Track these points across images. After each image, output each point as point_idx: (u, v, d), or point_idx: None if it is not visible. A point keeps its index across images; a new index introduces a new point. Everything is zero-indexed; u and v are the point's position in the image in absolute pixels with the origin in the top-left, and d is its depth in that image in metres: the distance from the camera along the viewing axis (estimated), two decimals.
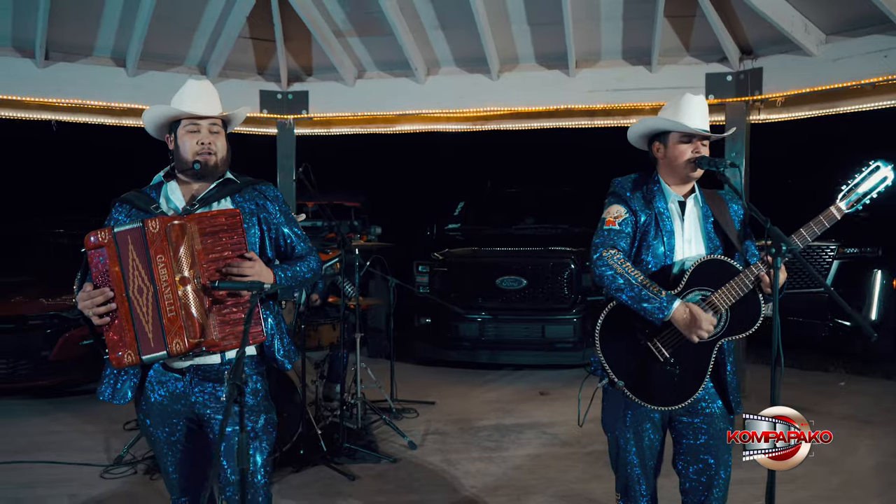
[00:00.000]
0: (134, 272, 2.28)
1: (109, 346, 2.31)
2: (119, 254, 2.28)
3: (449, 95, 6.57)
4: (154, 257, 2.28)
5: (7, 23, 5.56)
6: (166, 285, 2.27)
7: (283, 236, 2.66)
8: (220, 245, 2.38)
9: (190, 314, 2.29)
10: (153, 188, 2.61)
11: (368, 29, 6.16)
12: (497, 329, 6.79)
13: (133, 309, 2.29)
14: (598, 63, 6.33)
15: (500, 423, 5.44)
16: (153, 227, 2.28)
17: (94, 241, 2.29)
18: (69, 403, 5.87)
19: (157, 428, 2.51)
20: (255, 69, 6.71)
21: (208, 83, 2.68)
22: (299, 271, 2.60)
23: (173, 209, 2.54)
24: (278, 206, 2.68)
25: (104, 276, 2.29)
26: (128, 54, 6.02)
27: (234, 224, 2.41)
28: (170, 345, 2.27)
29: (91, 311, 2.29)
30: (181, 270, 2.29)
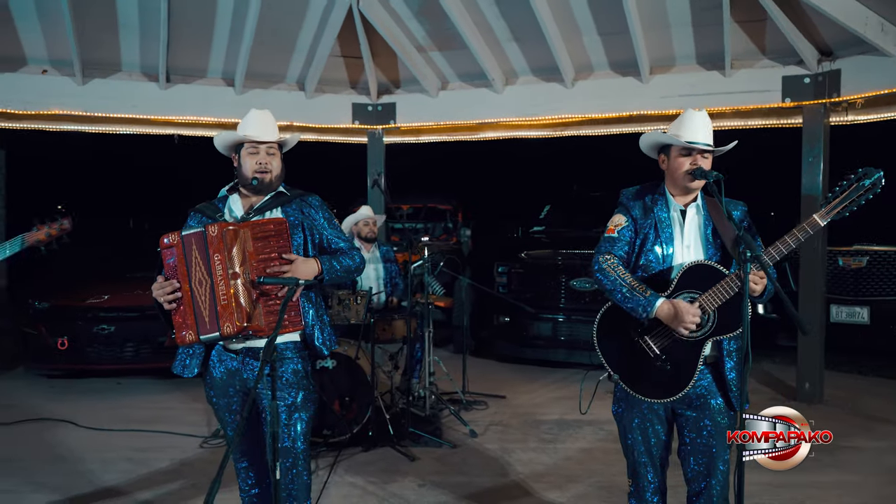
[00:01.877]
0: (196, 267, 2.80)
1: (175, 326, 2.84)
2: (185, 252, 2.80)
3: (526, 104, 6.87)
4: (212, 255, 2.78)
5: (136, 51, 6.43)
6: (221, 279, 2.77)
7: (326, 239, 3.11)
8: (268, 248, 2.85)
9: (239, 303, 2.77)
10: (220, 200, 3.14)
11: (447, 44, 6.58)
12: (570, 329, 7.01)
13: (194, 297, 2.80)
14: (672, 69, 6.43)
15: (563, 419, 5.68)
16: (212, 231, 2.78)
17: (166, 242, 2.83)
18: (183, 385, 6.67)
19: (218, 398, 3.02)
20: (348, 84, 7.31)
21: (268, 113, 3.17)
22: (342, 262, 3.04)
23: (234, 218, 3.05)
24: (322, 213, 3.13)
25: (172, 270, 2.82)
26: (235, 75, 6.76)
27: (281, 230, 2.88)
28: (222, 327, 2.76)
29: (162, 298, 2.82)
30: (233, 267, 2.78)
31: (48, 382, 6.84)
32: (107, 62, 6.50)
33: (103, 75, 6.53)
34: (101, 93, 6.52)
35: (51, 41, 6.22)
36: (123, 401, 6.28)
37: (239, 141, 3.11)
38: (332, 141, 7.71)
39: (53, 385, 6.78)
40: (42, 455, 4.86)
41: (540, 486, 4.32)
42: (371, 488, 4.30)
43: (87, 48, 6.26)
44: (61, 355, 6.55)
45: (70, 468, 4.61)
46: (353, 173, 8.57)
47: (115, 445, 5.08)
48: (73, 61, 6.24)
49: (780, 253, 2.68)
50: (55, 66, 6.40)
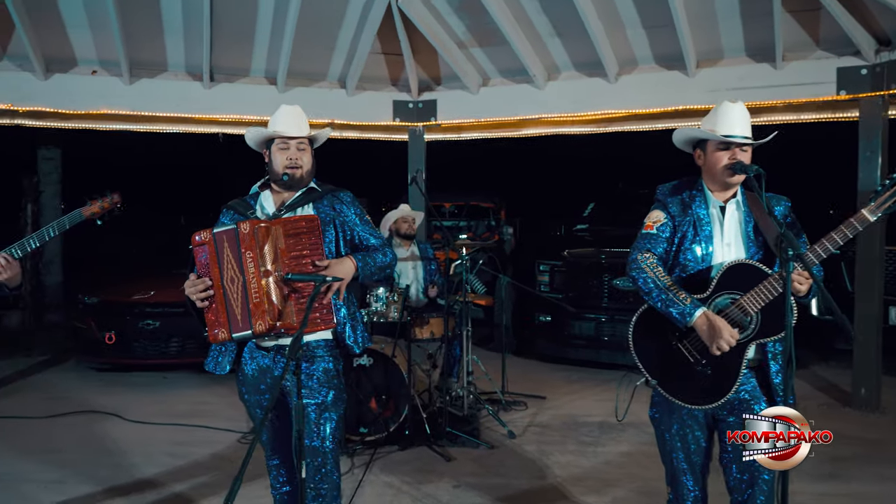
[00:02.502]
0: (227, 265, 2.79)
1: (208, 324, 2.84)
2: (217, 250, 2.80)
3: (568, 99, 6.76)
4: (244, 253, 2.77)
5: (180, 51, 6.53)
6: (253, 276, 2.76)
7: (358, 235, 3.09)
8: (300, 245, 2.84)
9: (271, 301, 2.76)
10: (252, 197, 3.14)
11: (487, 39, 6.50)
12: (613, 330, 6.86)
13: (226, 295, 2.80)
14: (719, 62, 6.23)
15: (605, 422, 5.56)
16: (244, 229, 2.78)
17: (198, 240, 2.83)
18: (222, 380, 6.70)
19: (250, 395, 3.03)
20: (389, 81, 7.29)
21: (298, 108, 3.16)
22: (375, 259, 3.01)
23: (265, 214, 3.05)
24: (354, 209, 3.10)
25: (205, 268, 2.82)
26: (277, 73, 6.81)
27: (313, 227, 2.86)
28: (254, 325, 2.76)
29: (194, 296, 2.83)
30: (265, 264, 2.77)
31: (98, 375, 7.02)
32: (153, 62, 6.62)
33: (150, 75, 6.65)
34: (148, 92, 6.65)
35: (99, 42, 6.36)
36: (167, 395, 6.40)
37: (269, 137, 3.11)
38: (373, 139, 7.72)
39: (103, 378, 6.95)
40: (89, 447, 4.98)
41: (578, 490, 4.22)
42: (405, 488, 4.26)
43: (134, 49, 6.38)
44: (109, 349, 6.71)
45: (114, 461, 4.71)
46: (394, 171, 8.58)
47: (158, 439, 5.17)
48: (121, 62, 6.37)
49: (826, 251, 2.53)
50: (104, 66, 6.55)
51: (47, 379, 6.98)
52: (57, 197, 10.22)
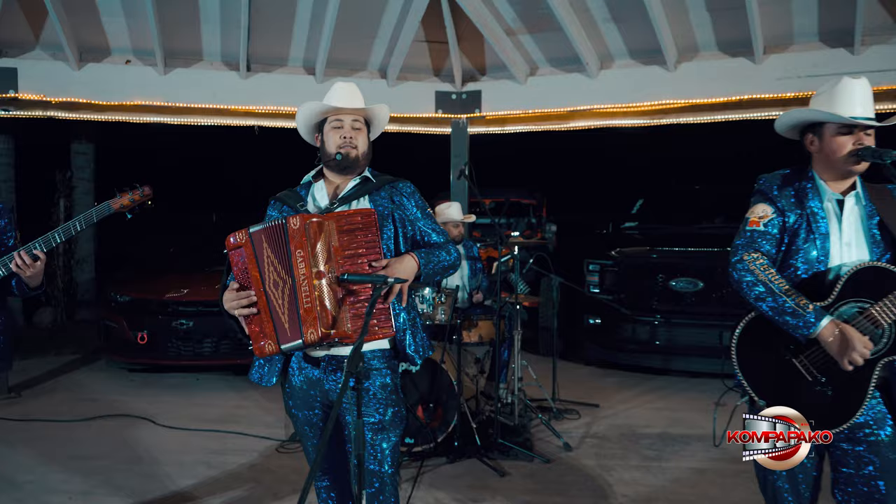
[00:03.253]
0: (269, 268, 2.47)
1: (252, 337, 2.53)
2: (255, 252, 2.48)
3: (623, 89, 6.37)
4: (294, 252, 2.45)
5: (217, 40, 6.27)
6: (304, 278, 2.44)
7: (420, 231, 2.76)
8: (355, 242, 2.51)
9: (324, 306, 2.44)
10: (303, 187, 2.82)
11: (539, 26, 6.14)
12: (669, 333, 6.45)
13: (270, 302, 2.48)
14: (790, 48, 5.80)
15: (666, 433, 5.18)
16: (294, 224, 2.46)
17: (233, 243, 2.51)
18: None
19: (298, 410, 2.71)
20: (431, 71, 6.96)
21: (353, 85, 2.84)
22: (441, 258, 2.68)
23: (318, 207, 2.73)
24: (414, 202, 2.77)
25: (244, 274, 2.50)
26: (316, 63, 6.52)
27: (369, 223, 2.53)
28: (305, 334, 2.44)
29: (237, 311, 2.51)
30: (317, 265, 2.45)
31: (128, 376, 6.80)
32: (188, 51, 6.37)
33: (185, 65, 6.41)
34: (183, 82, 6.41)
35: (134, 31, 6.13)
36: (200, 397, 6.14)
37: (323, 114, 2.80)
38: (414, 132, 7.39)
39: (134, 379, 6.72)
40: (120, 455, 4.72)
41: None
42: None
43: (169, 37, 6.14)
44: (141, 349, 6.48)
45: (146, 470, 4.44)
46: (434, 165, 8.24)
47: (192, 446, 4.90)
48: (156, 51, 6.13)
49: None
50: (138, 55, 6.32)
51: (77, 379, 6.77)
52: (90, 193, 10.07)
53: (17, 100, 6.29)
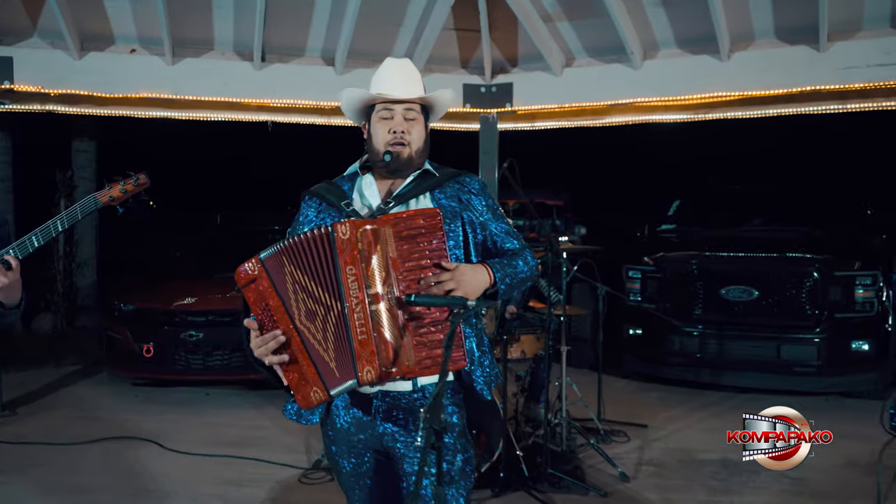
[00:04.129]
0: (296, 297, 1.97)
1: (292, 386, 2.04)
2: (274, 282, 1.98)
3: (668, 81, 5.85)
4: (343, 269, 1.96)
5: (230, 28, 5.77)
6: (357, 302, 1.95)
7: (492, 235, 2.27)
8: (416, 252, 2.03)
9: (382, 337, 1.95)
10: (347, 179, 2.33)
11: (580, 11, 5.64)
12: (720, 346, 5.95)
13: (305, 340, 1.99)
14: (857, 34, 5.28)
15: (728, 459, 4.67)
16: (343, 233, 1.96)
17: (245, 275, 2.00)
18: (277, 398, 6.00)
19: (342, 456, 2.22)
20: (459, 62, 6.46)
21: (408, 63, 2.36)
22: (518, 269, 2.20)
23: (367, 206, 2.23)
24: (484, 200, 2.29)
25: (266, 312, 2.00)
26: (336, 53, 6.02)
27: (434, 226, 2.04)
28: (360, 372, 1.95)
29: (267, 358, 2.02)
30: (373, 285, 1.96)
31: (133, 391, 6.30)
32: (199, 40, 5.86)
33: (195, 55, 5.89)
34: (192, 73, 5.89)
35: (140, 17, 5.62)
36: (212, 416, 5.65)
37: (369, 102, 2.31)
38: (439, 128, 6.88)
39: (138, 394, 6.23)
40: (125, 486, 4.24)
41: None
42: None
43: (178, 25, 5.63)
44: (147, 363, 5.98)
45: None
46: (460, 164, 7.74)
47: (205, 475, 4.41)
48: (164, 39, 5.62)
49: None
50: (144, 44, 5.81)
51: (77, 394, 6.27)
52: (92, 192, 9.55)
53: (12, 92, 5.77)
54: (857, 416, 5.57)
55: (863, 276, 5.68)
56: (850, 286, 5.69)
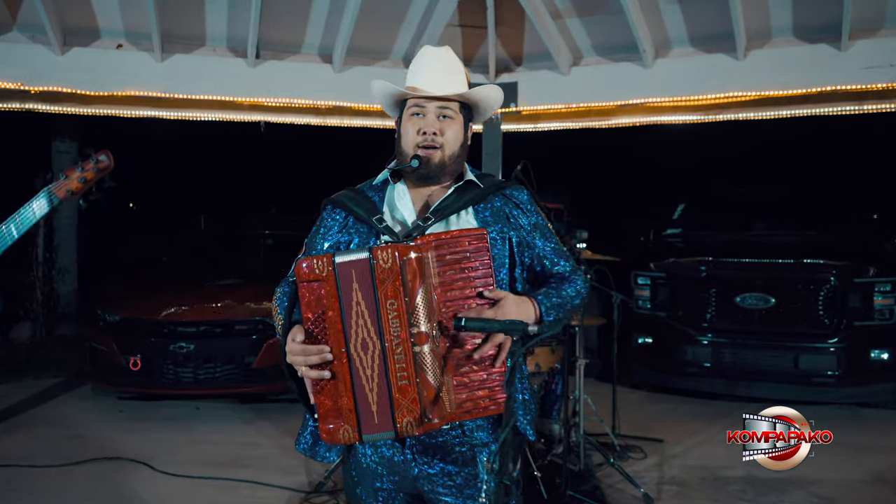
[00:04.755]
0: (358, 320, 1.71)
1: (320, 412, 1.76)
2: (340, 293, 1.71)
3: (681, 80, 5.65)
4: (383, 302, 1.69)
5: (223, 22, 5.48)
6: (398, 342, 1.69)
7: (539, 257, 2.01)
8: (460, 279, 1.77)
9: (426, 382, 1.70)
10: (376, 189, 2.05)
11: (591, 7, 5.41)
12: (735, 355, 5.73)
13: (354, 370, 1.72)
14: (879, 32, 5.10)
15: (752, 475, 4.44)
16: (384, 261, 1.69)
17: (308, 272, 1.73)
18: (272, 413, 5.70)
19: (370, 498, 1.94)
20: (462, 60, 6.19)
21: (449, 52, 2.08)
22: (567, 297, 1.93)
23: (400, 221, 1.96)
24: (531, 216, 2.02)
25: (319, 320, 1.73)
26: (334, 50, 5.76)
27: (481, 250, 1.78)
28: (398, 423, 1.70)
29: (304, 369, 1.75)
30: (417, 323, 1.69)
31: (118, 405, 5.95)
32: (190, 35, 5.56)
33: (185, 51, 5.59)
34: (182, 70, 5.59)
35: (127, 11, 5.31)
36: (203, 432, 5.32)
37: (400, 97, 2.04)
38: None
39: (124, 409, 5.88)
40: None
41: None
42: None
43: (168, 19, 5.33)
44: (133, 376, 5.63)
45: None
46: None
47: (198, 499, 4.12)
48: (153, 34, 5.32)
49: None
50: (132, 39, 5.49)
51: (59, 409, 5.91)
52: None
53: None
54: (878, 427, 5.39)
55: (882, 282, 5.50)
56: (868, 293, 5.50)
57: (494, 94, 2.05)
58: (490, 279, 1.78)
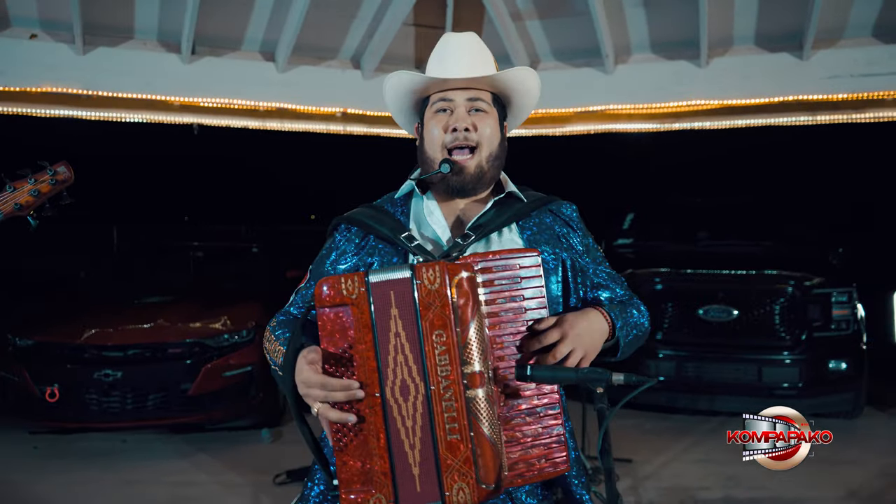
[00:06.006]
0: (397, 357, 1.36)
1: (342, 476, 1.39)
2: (374, 321, 1.35)
3: (643, 87, 5.51)
4: (428, 333, 1.34)
5: (154, 13, 4.95)
6: (446, 384, 1.34)
7: (592, 283, 1.69)
8: (510, 310, 1.44)
9: (481, 437, 1.36)
10: (397, 204, 1.70)
11: (554, 9, 5.19)
12: (699, 369, 5.60)
13: (390, 420, 1.36)
14: (838, 42, 5.08)
15: (731, 497, 4.29)
16: (430, 281, 1.34)
17: (331, 294, 1.36)
18: (210, 444, 5.18)
19: None
20: (413, 62, 5.87)
21: (474, 36, 1.75)
22: (634, 319, 1.65)
23: (431, 239, 1.62)
24: (583, 235, 1.72)
25: (343, 357, 1.36)
26: (278, 47, 5.32)
27: (533, 275, 1.47)
28: (447, 490, 1.35)
29: (320, 407, 1.37)
30: (470, 360, 1.35)
31: (31, 440, 5.24)
32: (116, 27, 5.00)
33: (111, 43, 5.01)
34: (107, 66, 5.02)
35: None
36: (132, 471, 4.74)
37: (421, 92, 1.70)
38: (390, 135, 6.27)
39: (39, 444, 5.20)
40: None
41: None
42: None
43: (92, 7, 4.76)
44: (50, 409, 4.97)
45: None
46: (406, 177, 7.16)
47: None
48: (74, 24, 4.74)
49: None
50: (48, 29, 4.88)
51: None
52: None
53: None
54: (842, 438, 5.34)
55: (839, 293, 5.49)
56: (827, 304, 5.48)
57: (534, 81, 1.74)
58: (544, 310, 1.47)
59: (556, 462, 1.47)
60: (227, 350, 5.20)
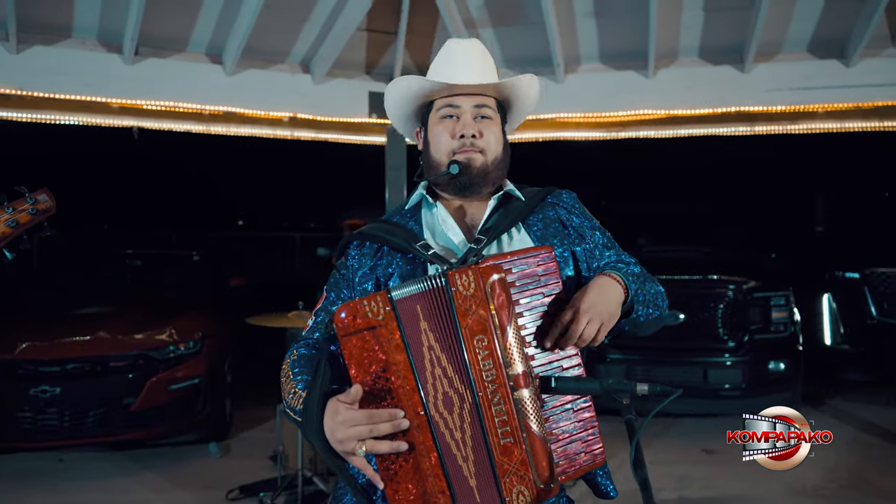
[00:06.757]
0: (434, 371, 1.32)
1: None
2: (406, 339, 1.32)
3: (592, 96, 5.61)
4: (469, 339, 1.32)
5: (95, 12, 4.75)
6: (494, 388, 1.32)
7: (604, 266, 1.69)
8: (534, 307, 1.44)
9: (533, 437, 1.34)
10: (408, 214, 1.67)
11: (507, 18, 5.24)
12: (647, 372, 5.73)
13: (438, 436, 1.33)
14: (776, 56, 5.32)
15: (685, 497, 4.40)
16: (465, 287, 1.32)
17: (351, 319, 1.31)
18: (154, 460, 4.97)
19: None
20: (364, 67, 5.82)
21: (478, 43, 1.74)
22: (650, 289, 1.64)
23: (446, 246, 1.60)
24: (586, 219, 1.72)
25: (378, 382, 1.32)
26: (226, 50, 5.19)
27: (550, 272, 1.46)
28: (507, 496, 1.33)
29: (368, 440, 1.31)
30: (512, 362, 1.33)
31: None
32: (53, 25, 4.77)
33: (47, 42, 4.78)
34: (42, 65, 4.79)
35: None
36: (74, 492, 4.50)
37: (424, 97, 1.68)
38: (339, 140, 6.18)
39: None
40: None
41: None
42: None
43: (28, 4, 4.53)
44: None
45: None
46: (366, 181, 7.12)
47: None
48: (7, 21, 4.50)
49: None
50: None
51: None
52: None
53: None
54: None
55: (777, 296, 5.73)
56: (766, 307, 5.71)
57: (537, 88, 1.74)
58: (561, 298, 1.46)
59: (595, 454, 1.47)
60: (174, 362, 5.00)
